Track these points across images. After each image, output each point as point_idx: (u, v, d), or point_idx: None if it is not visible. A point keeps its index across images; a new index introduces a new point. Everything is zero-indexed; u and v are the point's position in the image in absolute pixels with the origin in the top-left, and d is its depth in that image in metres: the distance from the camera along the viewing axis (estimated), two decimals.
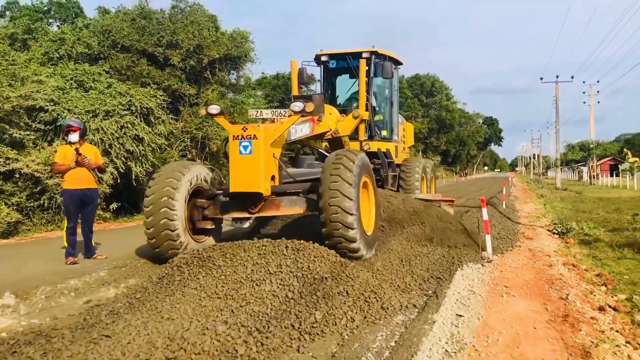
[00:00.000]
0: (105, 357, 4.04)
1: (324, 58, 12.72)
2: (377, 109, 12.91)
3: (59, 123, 15.13)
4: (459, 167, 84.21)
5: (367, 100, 11.66)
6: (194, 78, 21.47)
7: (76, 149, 8.47)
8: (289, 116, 7.56)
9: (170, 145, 19.43)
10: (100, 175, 8.98)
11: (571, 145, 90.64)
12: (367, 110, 11.30)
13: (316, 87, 13.76)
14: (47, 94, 14.93)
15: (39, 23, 22.32)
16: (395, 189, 12.35)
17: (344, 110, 10.57)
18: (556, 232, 12.85)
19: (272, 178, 7.39)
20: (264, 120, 9.31)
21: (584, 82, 68.23)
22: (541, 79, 48.47)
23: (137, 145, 16.46)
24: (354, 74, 12.31)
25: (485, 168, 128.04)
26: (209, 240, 8.11)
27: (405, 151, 14.60)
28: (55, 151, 9.76)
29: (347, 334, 4.74)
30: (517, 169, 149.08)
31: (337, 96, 13.40)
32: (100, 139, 15.25)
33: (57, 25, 42.43)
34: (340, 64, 12.58)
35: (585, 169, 60.14)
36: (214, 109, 7.51)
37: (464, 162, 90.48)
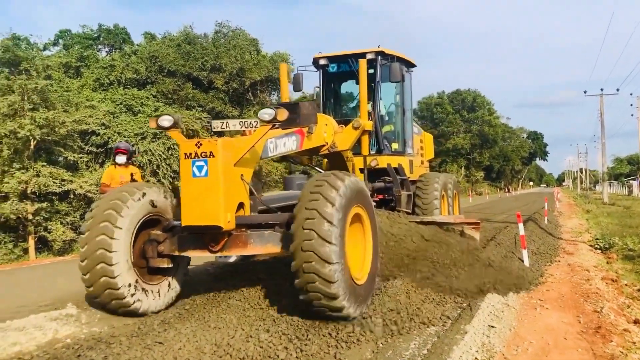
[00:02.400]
0: None
1: (322, 61, 11.00)
2: (386, 118, 11.25)
3: (109, 146, 15.97)
4: (504, 183, 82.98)
5: (373, 108, 10.24)
6: (237, 100, 22.21)
7: (131, 175, 9.21)
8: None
9: None
10: None
11: (619, 158, 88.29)
12: (371, 119, 9.73)
13: (316, 96, 11.98)
14: (98, 118, 15.79)
15: (90, 51, 23.43)
16: (410, 211, 10.50)
17: (349, 121, 8.96)
18: (598, 247, 12.75)
19: (241, 206, 5.94)
20: (231, 133, 8.20)
21: (630, 94, 66.63)
22: (585, 92, 47.67)
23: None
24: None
25: (531, 183, 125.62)
26: (166, 284, 6.40)
27: (423, 165, 12.74)
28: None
29: (381, 343, 5.00)
30: (563, 183, 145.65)
31: (342, 105, 11.92)
32: (148, 160, 15.99)
33: (106, 51, 44.29)
34: (342, 68, 10.98)
35: (635, 183, 58.45)
36: (165, 120, 5.95)
37: (509, 178, 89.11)
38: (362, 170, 8.95)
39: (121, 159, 9.40)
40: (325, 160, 9.85)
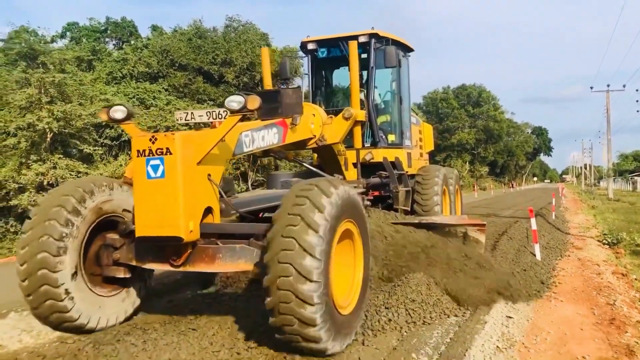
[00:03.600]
0: (195, 346, 4.66)
1: (311, 46, 9.97)
2: (381, 107, 10.33)
3: (123, 139, 16.20)
4: (508, 178, 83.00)
5: (367, 96, 9.42)
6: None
7: None
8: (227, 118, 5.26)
9: None
10: None
11: (624, 154, 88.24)
12: (364, 109, 8.74)
13: (303, 84, 11.09)
14: None
15: (102, 45, 23.66)
16: (409, 209, 9.66)
17: (341, 112, 8.04)
18: (606, 242, 12.93)
19: (209, 211, 5.12)
20: (197, 125, 7.60)
21: (637, 90, 66.49)
22: (591, 88, 47.60)
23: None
24: None
25: (535, 179, 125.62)
26: (122, 296, 5.51)
27: (422, 158, 11.84)
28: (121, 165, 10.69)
29: (405, 331, 5.21)
30: (565, 177, 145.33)
31: (334, 94, 10.76)
32: None
33: (113, 44, 44.46)
34: (333, 53, 9.94)
35: (639, 179, 58.54)
36: (118, 111, 5.25)
37: (513, 173, 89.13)
38: (355, 165, 8.15)
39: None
40: (316, 155, 9.09)
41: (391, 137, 9.98)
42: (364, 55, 9.36)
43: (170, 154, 4.73)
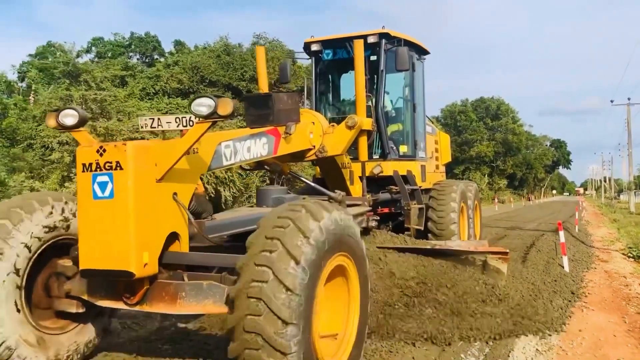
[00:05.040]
0: None
1: (315, 47, 9.12)
2: (392, 115, 9.46)
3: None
4: (526, 191, 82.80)
5: (376, 103, 8.61)
6: None
7: None
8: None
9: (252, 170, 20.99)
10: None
11: None
12: (371, 116, 7.91)
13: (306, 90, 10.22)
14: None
15: (135, 62, 24.49)
16: (422, 228, 8.75)
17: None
18: (631, 255, 13.21)
19: (175, 237, 4.31)
20: (164, 134, 6.87)
21: None
22: (612, 101, 47.78)
23: (226, 171, 17.96)
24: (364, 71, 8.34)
25: (554, 192, 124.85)
26: (73, 334, 4.64)
27: (438, 171, 10.88)
28: None
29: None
30: (578, 190, 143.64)
31: (342, 101, 9.79)
32: None
33: (137, 59, 45.56)
34: (339, 55, 9.08)
35: None
36: (69, 117, 4.42)
37: (531, 186, 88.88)
38: (361, 179, 7.46)
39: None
40: (317, 167, 8.42)
41: (403, 148, 9.20)
42: (373, 57, 8.74)
43: (121, 168, 3.85)
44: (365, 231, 6.83)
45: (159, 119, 5.62)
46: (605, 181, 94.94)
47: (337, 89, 9.86)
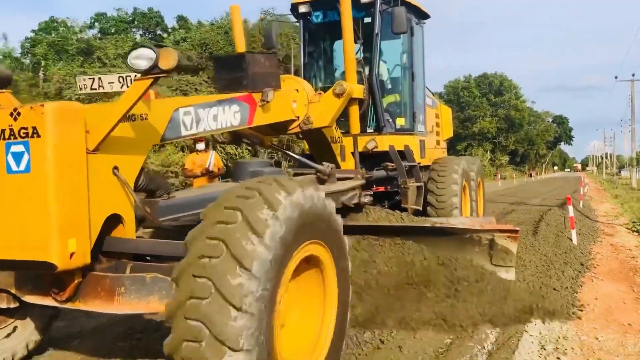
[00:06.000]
0: None
1: (303, 8, 8.21)
2: (388, 85, 8.70)
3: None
4: (528, 167, 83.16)
5: (371, 71, 7.88)
6: None
7: (208, 169, 10.19)
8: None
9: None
10: None
11: None
12: (364, 83, 7.19)
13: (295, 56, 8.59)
14: None
15: (144, 38, 24.57)
16: (420, 208, 8.14)
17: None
18: (635, 230, 13.55)
19: (119, 220, 3.64)
20: (107, 96, 6.20)
21: None
22: (615, 77, 47.81)
23: (236, 148, 18.31)
24: (357, 35, 7.47)
25: (555, 168, 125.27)
26: (6, 332, 4.07)
27: (439, 147, 10.18)
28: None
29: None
30: (577, 166, 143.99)
31: (334, 69, 8.98)
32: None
33: (140, 34, 45.49)
34: (330, 17, 8.13)
35: None
36: None
37: (533, 162, 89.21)
38: (353, 154, 6.78)
39: (200, 145, 10.50)
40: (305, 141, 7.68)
41: (400, 121, 8.46)
42: (368, 20, 7.99)
43: (39, 136, 3.16)
44: (358, 207, 6.20)
45: (99, 78, 4.69)
46: (606, 157, 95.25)
47: (329, 56, 8.96)
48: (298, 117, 5.78)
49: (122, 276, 3.51)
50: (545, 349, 4.66)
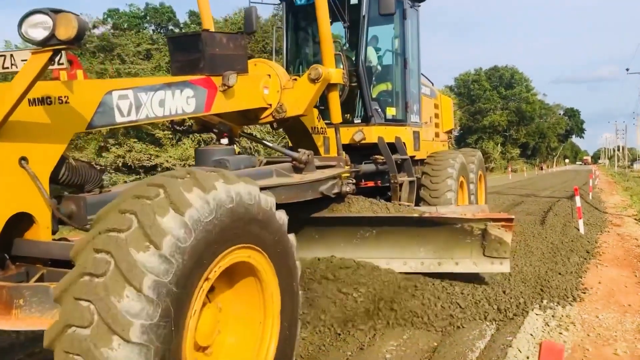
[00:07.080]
0: None
1: None
2: (378, 72, 8.10)
3: (187, 124, 17.55)
4: (539, 160, 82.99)
5: (357, 56, 7.40)
6: None
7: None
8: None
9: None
10: None
11: None
12: (344, 69, 6.26)
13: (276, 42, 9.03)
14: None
15: (159, 34, 25.00)
16: (413, 203, 7.57)
17: None
18: None
19: (31, 220, 3.13)
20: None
21: None
22: (627, 70, 47.69)
23: (250, 141, 18.72)
24: (342, 17, 7.29)
25: (567, 161, 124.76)
26: None
27: (438, 140, 9.67)
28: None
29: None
30: (587, 159, 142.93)
31: (318, 55, 7.63)
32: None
33: (152, 30, 46.01)
34: None
35: None
36: None
37: (544, 155, 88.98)
38: (337, 142, 6.25)
39: (224, 140, 10.90)
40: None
41: (391, 111, 7.94)
42: (355, 1, 7.41)
43: None
44: (339, 197, 5.88)
45: (11, 55, 3.84)
46: (618, 150, 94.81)
47: (314, 41, 8.03)
48: (270, 105, 5.37)
49: (21, 286, 2.86)
50: (549, 325, 5.05)
